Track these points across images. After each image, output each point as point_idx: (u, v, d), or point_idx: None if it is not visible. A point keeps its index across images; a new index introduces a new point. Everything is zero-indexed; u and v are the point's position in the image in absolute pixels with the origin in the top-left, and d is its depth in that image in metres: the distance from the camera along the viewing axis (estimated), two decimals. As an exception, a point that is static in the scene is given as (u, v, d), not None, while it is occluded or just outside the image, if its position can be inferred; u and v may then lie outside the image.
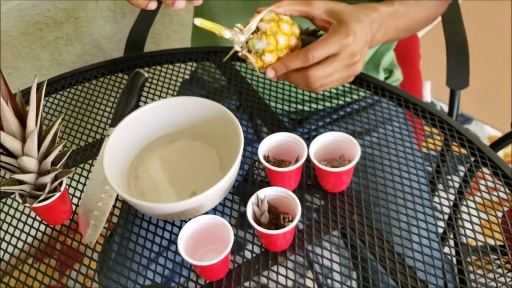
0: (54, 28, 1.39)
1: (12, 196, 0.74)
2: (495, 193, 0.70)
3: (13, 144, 0.58)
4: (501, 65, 2.00)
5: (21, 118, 0.60)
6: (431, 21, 0.86)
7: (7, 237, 0.70)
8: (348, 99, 0.94)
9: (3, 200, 0.75)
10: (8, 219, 0.72)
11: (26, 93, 0.81)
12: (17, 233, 0.71)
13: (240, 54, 0.69)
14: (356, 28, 0.67)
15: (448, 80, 0.99)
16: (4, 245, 0.70)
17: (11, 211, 0.73)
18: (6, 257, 0.69)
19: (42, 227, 0.71)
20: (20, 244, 0.70)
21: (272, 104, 0.89)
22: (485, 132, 1.85)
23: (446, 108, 1.74)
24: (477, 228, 0.66)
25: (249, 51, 0.68)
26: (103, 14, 1.47)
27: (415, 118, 0.81)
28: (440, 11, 0.87)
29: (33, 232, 0.71)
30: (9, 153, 0.60)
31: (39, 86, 0.63)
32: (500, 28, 2.15)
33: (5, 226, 0.72)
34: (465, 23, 1.09)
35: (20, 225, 0.72)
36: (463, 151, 0.75)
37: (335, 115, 0.92)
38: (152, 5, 0.70)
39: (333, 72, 0.68)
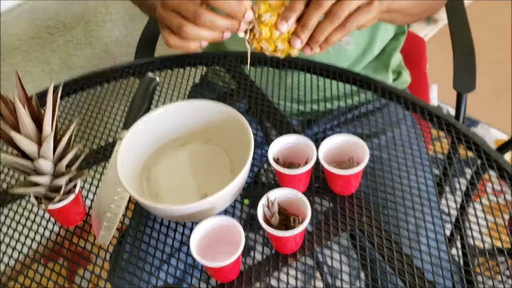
0: (64, 32, 1.41)
1: (26, 197, 0.75)
2: (502, 196, 0.70)
3: (29, 147, 0.60)
4: (507, 68, 2.01)
5: (37, 121, 0.61)
6: (428, 11, 0.88)
7: (22, 238, 0.72)
8: (355, 101, 0.95)
9: (17, 201, 0.76)
10: (23, 220, 0.74)
11: (38, 96, 0.83)
12: (31, 234, 0.72)
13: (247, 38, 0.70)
14: None
15: (455, 83, 1.00)
16: (19, 245, 0.71)
17: (25, 213, 0.75)
18: (21, 257, 0.71)
19: (56, 229, 0.73)
20: (34, 245, 0.71)
21: (282, 103, 0.90)
22: (492, 135, 1.85)
23: (452, 111, 1.74)
24: (484, 230, 0.66)
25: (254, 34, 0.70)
26: (113, 18, 1.49)
27: (423, 121, 0.82)
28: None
29: (47, 233, 0.72)
30: (25, 156, 0.62)
31: (54, 89, 0.64)
32: (507, 31, 2.16)
33: (19, 228, 0.73)
34: (471, 26, 1.10)
35: (34, 227, 0.73)
36: (469, 154, 0.76)
37: (343, 118, 0.93)
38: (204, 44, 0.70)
39: None
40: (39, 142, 0.61)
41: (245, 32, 0.69)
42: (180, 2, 0.67)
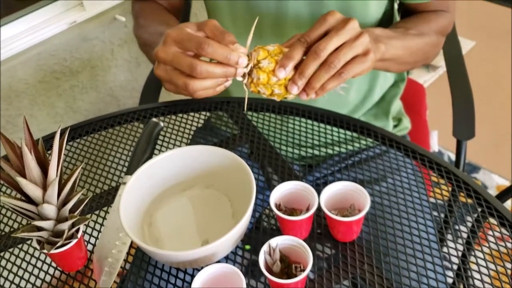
0: (70, 77, 1.44)
1: (28, 242, 0.76)
2: (503, 244, 0.70)
3: (35, 191, 0.60)
4: (508, 114, 2.03)
5: (43, 165, 0.62)
6: (422, 60, 0.91)
7: (22, 283, 0.71)
8: (356, 147, 0.96)
9: (19, 246, 0.76)
10: (24, 264, 0.74)
11: (44, 140, 0.84)
12: (32, 278, 0.72)
13: (244, 81, 0.73)
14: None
15: (455, 131, 1.02)
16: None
17: (27, 257, 0.75)
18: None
19: (57, 273, 0.72)
20: (34, 290, 0.71)
21: (283, 148, 0.92)
22: (493, 181, 1.86)
23: (453, 157, 1.75)
24: (486, 278, 0.66)
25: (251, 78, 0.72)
26: (118, 64, 1.52)
27: (423, 168, 0.83)
28: (432, 54, 0.92)
29: (47, 278, 0.72)
30: (29, 200, 0.62)
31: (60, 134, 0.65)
32: (507, 76, 2.19)
33: (20, 272, 0.73)
34: (471, 71, 1.12)
35: (35, 271, 0.73)
36: (470, 201, 0.77)
37: (344, 164, 0.94)
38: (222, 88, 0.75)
39: (337, 41, 0.68)
40: (44, 187, 0.61)
41: (243, 75, 0.71)
42: (174, 57, 0.70)
